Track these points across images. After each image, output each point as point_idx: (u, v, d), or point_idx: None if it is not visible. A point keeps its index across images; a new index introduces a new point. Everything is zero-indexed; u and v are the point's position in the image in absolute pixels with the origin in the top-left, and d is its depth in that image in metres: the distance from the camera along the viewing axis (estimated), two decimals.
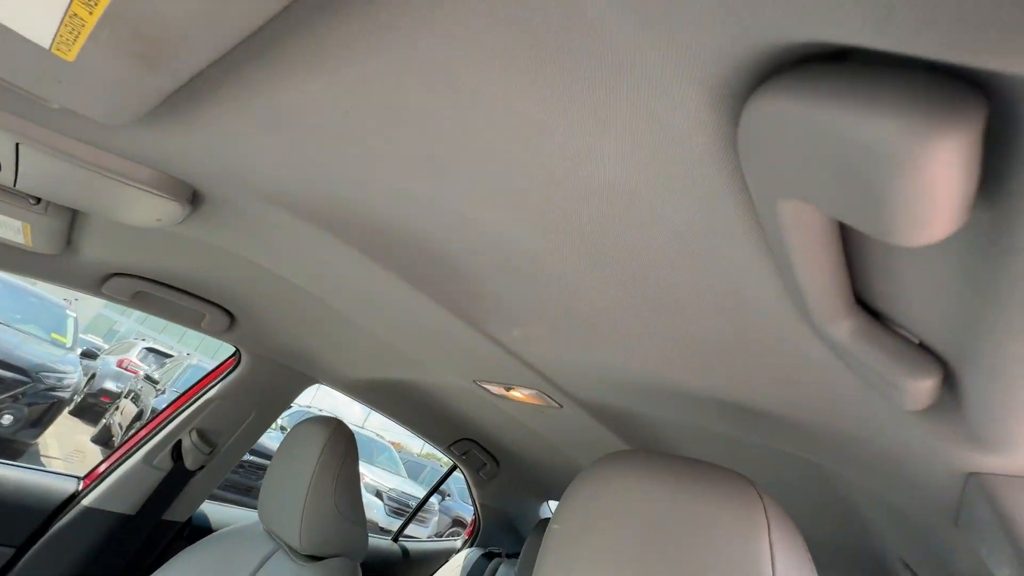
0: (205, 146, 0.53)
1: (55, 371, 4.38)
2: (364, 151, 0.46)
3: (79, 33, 0.29)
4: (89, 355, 6.59)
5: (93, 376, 6.88)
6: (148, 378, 6.03)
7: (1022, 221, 0.20)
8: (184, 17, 0.27)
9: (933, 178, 0.18)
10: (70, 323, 5.37)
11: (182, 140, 0.53)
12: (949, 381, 0.38)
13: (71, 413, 6.50)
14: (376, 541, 2.17)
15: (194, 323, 1.36)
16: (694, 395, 0.75)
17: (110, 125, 0.45)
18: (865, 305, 0.39)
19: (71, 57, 0.32)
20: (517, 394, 1.12)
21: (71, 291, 1.27)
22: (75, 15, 0.28)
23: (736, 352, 0.57)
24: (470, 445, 2.12)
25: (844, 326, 0.38)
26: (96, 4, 0.26)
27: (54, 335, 4.98)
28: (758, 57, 0.23)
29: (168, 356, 7.77)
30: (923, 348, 0.37)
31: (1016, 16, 0.14)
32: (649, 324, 0.59)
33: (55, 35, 0.30)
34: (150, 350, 7.92)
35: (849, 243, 0.33)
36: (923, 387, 0.37)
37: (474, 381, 1.14)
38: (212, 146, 0.53)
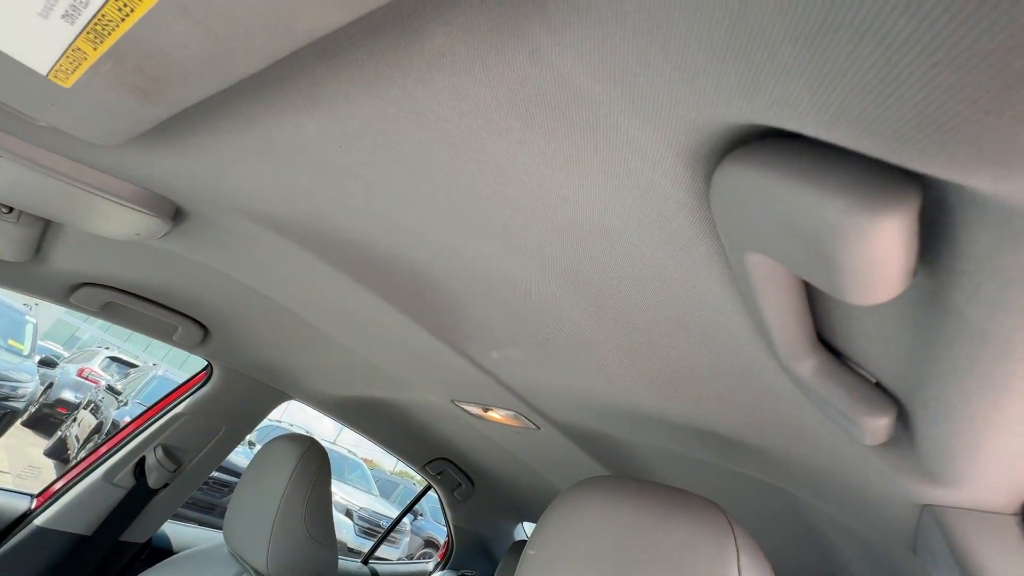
0: (193, 167, 0.54)
1: (10, 380, 4.17)
2: (354, 181, 0.47)
3: (79, 65, 0.30)
4: (47, 363, 6.30)
5: (50, 385, 6.57)
6: (110, 388, 5.78)
7: (955, 288, 0.23)
8: (188, 58, 0.28)
9: (876, 249, 0.20)
10: (29, 329, 5.15)
11: (170, 161, 0.53)
12: (903, 419, 0.40)
13: (24, 424, 6.16)
14: (345, 564, 2.10)
15: (166, 335, 1.32)
16: (669, 421, 0.77)
17: (98, 145, 0.45)
18: (827, 344, 0.41)
19: (67, 84, 0.33)
20: (495, 415, 1.12)
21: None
22: (78, 49, 0.28)
23: (709, 383, 0.59)
24: (445, 465, 2.09)
25: (807, 364, 0.40)
26: (101, 42, 0.27)
27: (11, 341, 4.76)
28: (725, 131, 0.25)
29: (133, 366, 7.48)
30: (879, 387, 0.40)
31: (935, 139, 0.17)
32: (626, 352, 0.61)
33: (54, 64, 0.31)
34: (114, 359, 7.62)
35: (812, 286, 0.36)
36: (879, 424, 0.40)
37: (452, 401, 1.14)
38: (201, 168, 0.53)
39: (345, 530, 6.34)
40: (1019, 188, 0.17)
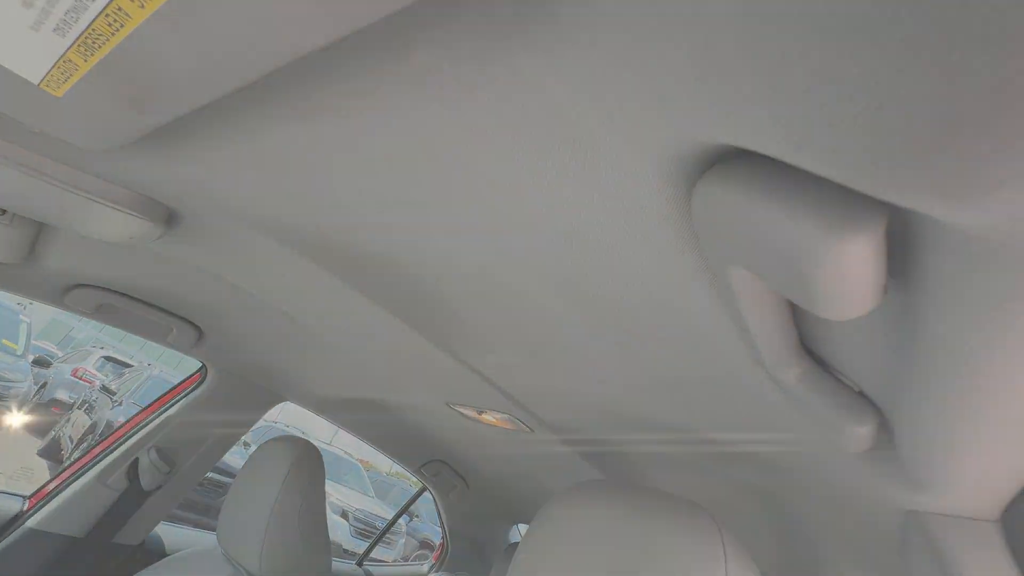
0: (186, 172, 0.54)
1: (3, 379, 4.16)
2: (345, 187, 0.47)
3: (71, 75, 0.30)
4: (41, 363, 6.27)
5: (44, 385, 6.53)
6: (104, 388, 5.75)
7: (924, 306, 0.24)
8: (178, 71, 0.28)
9: (845, 268, 0.21)
10: (23, 328, 5.13)
11: (163, 166, 0.53)
12: (886, 427, 0.41)
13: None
14: (339, 566, 2.10)
15: (160, 336, 1.32)
16: (660, 426, 0.78)
17: (90, 151, 0.45)
18: (811, 352, 0.42)
19: (59, 94, 0.33)
20: (489, 418, 1.12)
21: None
22: (69, 60, 0.29)
23: (699, 388, 0.60)
24: (441, 467, 2.09)
25: (792, 372, 0.41)
26: (92, 55, 0.27)
27: (5, 341, 4.75)
28: (703, 150, 0.26)
29: (128, 366, 7.45)
30: (862, 396, 0.41)
31: (889, 172, 0.18)
32: (618, 359, 0.62)
33: (46, 75, 0.31)
34: (108, 359, 7.58)
35: None
36: (862, 431, 0.40)
37: (447, 403, 1.14)
38: (193, 173, 0.54)
39: (340, 531, 6.31)
40: (971, 218, 0.18)
